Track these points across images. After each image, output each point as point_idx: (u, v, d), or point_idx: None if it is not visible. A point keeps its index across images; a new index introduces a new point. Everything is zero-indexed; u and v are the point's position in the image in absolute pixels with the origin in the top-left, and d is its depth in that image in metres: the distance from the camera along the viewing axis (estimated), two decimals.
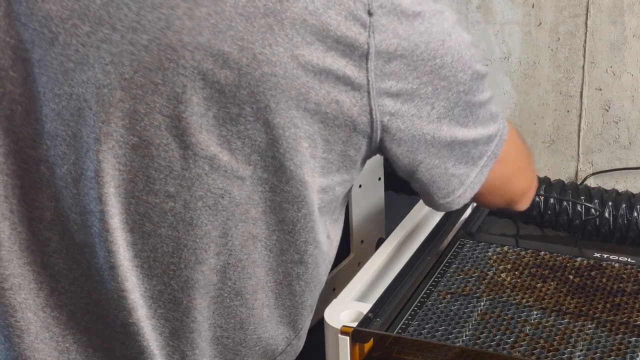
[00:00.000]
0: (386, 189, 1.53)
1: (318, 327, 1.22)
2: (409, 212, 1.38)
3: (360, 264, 1.27)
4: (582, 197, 1.55)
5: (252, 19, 0.78)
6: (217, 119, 0.80)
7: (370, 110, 0.86)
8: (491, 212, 1.57)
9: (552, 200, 1.53)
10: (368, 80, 0.84)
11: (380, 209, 1.49)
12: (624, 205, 1.52)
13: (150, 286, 0.87)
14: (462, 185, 0.98)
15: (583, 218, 1.48)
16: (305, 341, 1.36)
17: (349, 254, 1.43)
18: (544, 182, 1.61)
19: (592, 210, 1.47)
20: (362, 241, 1.42)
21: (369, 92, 0.85)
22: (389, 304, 1.12)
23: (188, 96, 0.80)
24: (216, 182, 0.83)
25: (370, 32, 0.82)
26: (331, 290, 1.40)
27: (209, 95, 0.80)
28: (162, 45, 0.78)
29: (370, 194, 1.44)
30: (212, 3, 0.78)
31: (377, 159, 1.46)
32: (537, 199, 1.55)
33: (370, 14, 0.81)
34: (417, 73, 0.86)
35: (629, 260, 1.24)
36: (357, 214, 1.41)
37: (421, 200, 1.42)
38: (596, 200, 1.53)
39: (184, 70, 0.79)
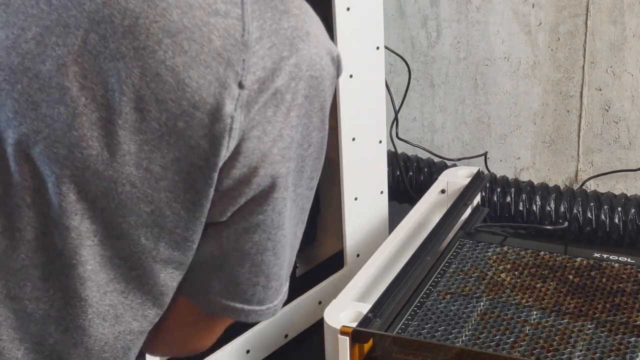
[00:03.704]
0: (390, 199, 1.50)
1: (318, 327, 1.21)
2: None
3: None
4: (579, 200, 1.55)
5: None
6: (21, 143, 0.72)
7: None
8: (491, 213, 1.57)
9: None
10: None
11: (383, 222, 1.46)
12: (619, 209, 1.53)
13: None
14: None
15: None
16: (305, 341, 1.36)
17: (342, 266, 1.41)
18: (541, 187, 1.61)
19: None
20: (357, 255, 1.41)
21: None
22: (388, 304, 1.12)
23: None
24: (37, 217, 0.74)
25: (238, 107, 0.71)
26: (317, 304, 1.38)
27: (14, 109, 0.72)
28: None
29: (368, 207, 1.42)
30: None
31: (380, 170, 1.45)
32: (534, 207, 1.57)
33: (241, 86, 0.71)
34: None
35: (629, 260, 1.24)
36: (352, 226, 1.39)
37: (421, 201, 1.43)
38: (592, 204, 1.54)
39: None
